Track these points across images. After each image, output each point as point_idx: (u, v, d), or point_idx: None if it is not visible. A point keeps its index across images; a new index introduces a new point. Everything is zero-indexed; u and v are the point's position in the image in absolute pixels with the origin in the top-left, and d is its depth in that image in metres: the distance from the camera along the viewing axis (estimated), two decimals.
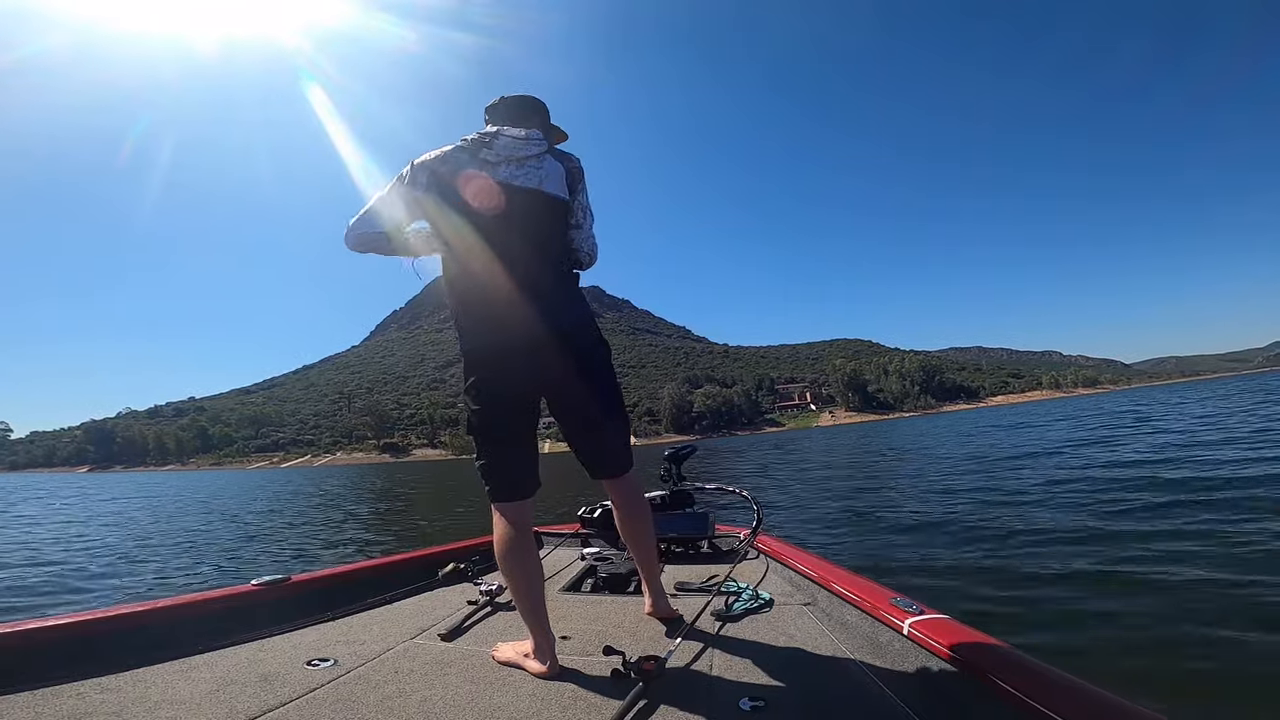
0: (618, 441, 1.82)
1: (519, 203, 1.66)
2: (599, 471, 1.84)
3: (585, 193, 1.83)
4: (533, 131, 1.76)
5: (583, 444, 1.80)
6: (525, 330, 1.58)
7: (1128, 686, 2.46)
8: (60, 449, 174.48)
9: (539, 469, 1.71)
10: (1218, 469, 7.70)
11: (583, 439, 1.79)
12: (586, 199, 1.84)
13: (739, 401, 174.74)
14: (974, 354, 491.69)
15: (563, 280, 1.75)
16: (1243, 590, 3.43)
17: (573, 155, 1.84)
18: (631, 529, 1.90)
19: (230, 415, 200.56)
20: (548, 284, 1.67)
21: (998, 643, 1.29)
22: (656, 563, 1.94)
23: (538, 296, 1.60)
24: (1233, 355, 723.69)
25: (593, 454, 1.81)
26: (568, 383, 1.68)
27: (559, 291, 1.70)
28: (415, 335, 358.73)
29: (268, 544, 8.98)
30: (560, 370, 1.65)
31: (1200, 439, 11.67)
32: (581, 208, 1.81)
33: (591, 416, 1.76)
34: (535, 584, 1.62)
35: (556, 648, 1.60)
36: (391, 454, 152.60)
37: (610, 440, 1.80)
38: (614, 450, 1.81)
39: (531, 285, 1.61)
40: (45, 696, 1.35)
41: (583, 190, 1.82)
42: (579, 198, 1.81)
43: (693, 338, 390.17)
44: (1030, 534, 5.38)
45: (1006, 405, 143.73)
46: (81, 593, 5.85)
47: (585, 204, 1.83)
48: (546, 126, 1.89)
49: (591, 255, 1.82)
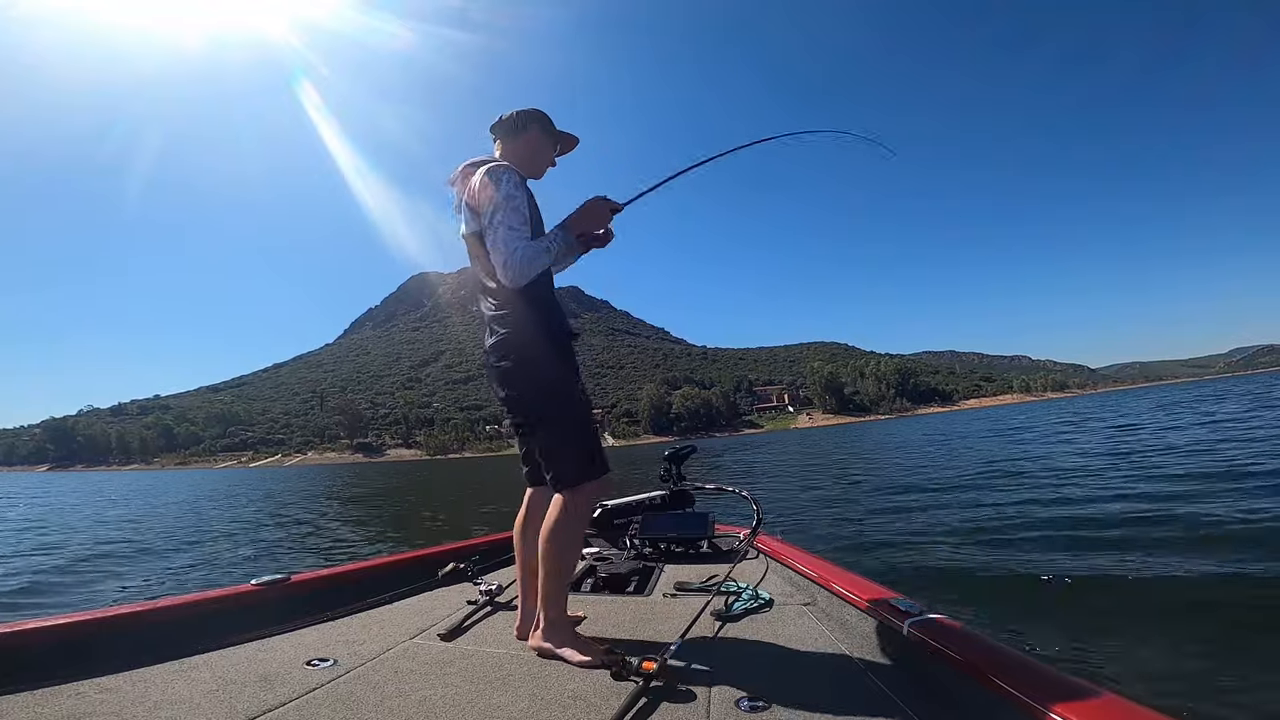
0: (542, 454, 1.80)
1: (468, 250, 1.83)
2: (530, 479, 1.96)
3: (491, 199, 1.67)
4: (463, 167, 1.83)
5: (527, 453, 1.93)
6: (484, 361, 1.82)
7: (1128, 686, 2.47)
8: (19, 447, 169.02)
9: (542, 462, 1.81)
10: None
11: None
12: (491, 208, 1.67)
13: (717, 403, 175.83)
14: (947, 358, 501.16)
15: (493, 310, 1.78)
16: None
17: (471, 164, 1.81)
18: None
19: (197, 414, 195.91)
20: (487, 319, 1.80)
21: (997, 643, 1.29)
22: (547, 587, 1.73)
23: (485, 331, 1.82)
24: (1195, 361, 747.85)
25: (528, 462, 1.93)
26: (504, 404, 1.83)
27: (488, 325, 1.80)
28: (390, 334, 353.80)
29: (255, 546, 8.77)
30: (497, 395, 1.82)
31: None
32: (491, 226, 1.67)
33: (518, 426, 1.89)
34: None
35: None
36: (365, 454, 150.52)
37: (537, 452, 1.83)
38: (538, 463, 1.84)
39: (484, 323, 1.81)
40: (45, 696, 1.35)
41: (489, 200, 1.67)
42: (485, 214, 1.69)
43: (671, 339, 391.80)
44: (1031, 533, 5.49)
45: (979, 408, 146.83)
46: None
47: (491, 218, 1.67)
48: (506, 135, 1.89)
49: (504, 272, 1.66)
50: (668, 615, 2.08)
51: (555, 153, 1.98)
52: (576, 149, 2.05)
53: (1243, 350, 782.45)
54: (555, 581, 1.71)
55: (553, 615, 1.70)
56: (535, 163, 1.91)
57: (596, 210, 1.85)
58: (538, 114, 1.90)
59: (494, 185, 1.67)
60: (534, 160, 1.90)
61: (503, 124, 1.88)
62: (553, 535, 1.71)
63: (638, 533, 3.07)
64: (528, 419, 1.79)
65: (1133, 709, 0.96)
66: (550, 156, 1.96)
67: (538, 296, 1.76)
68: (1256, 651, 2.78)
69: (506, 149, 1.89)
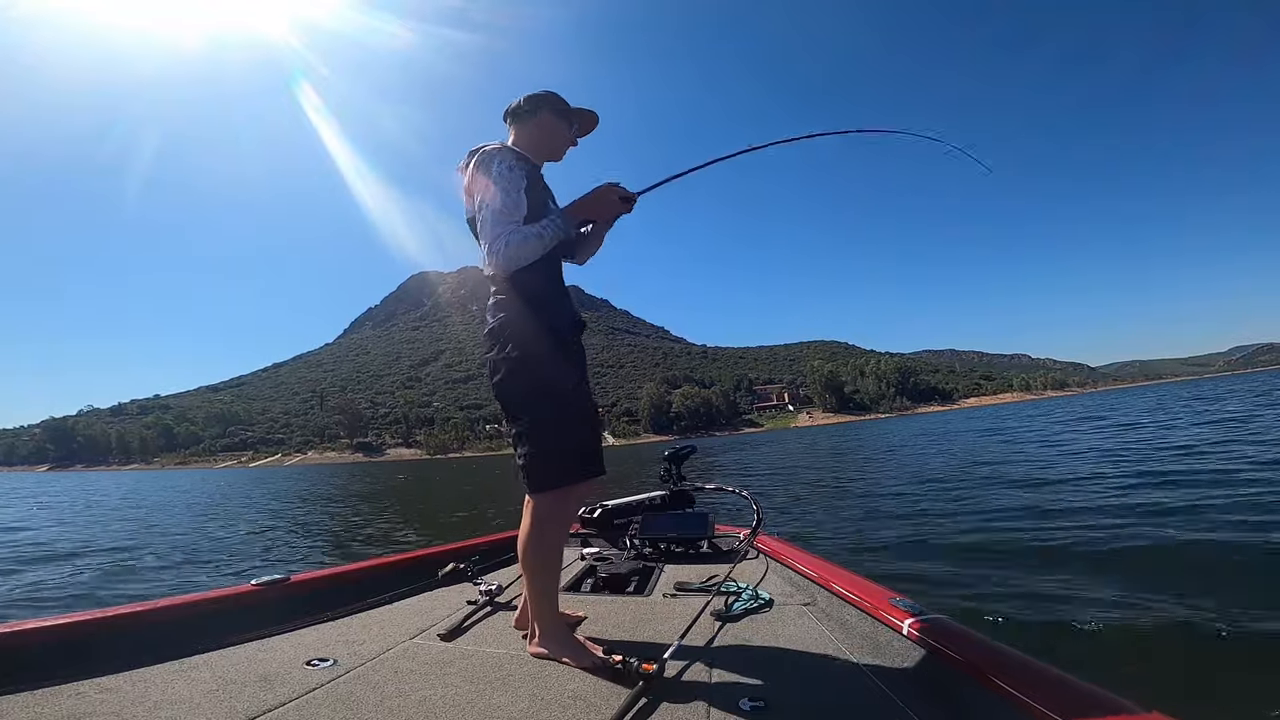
0: (517, 451, 1.69)
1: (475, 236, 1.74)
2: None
3: (482, 185, 1.63)
4: (468, 153, 1.75)
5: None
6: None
7: (1128, 686, 2.45)
8: (19, 447, 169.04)
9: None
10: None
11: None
12: (480, 194, 1.63)
13: (717, 402, 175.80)
14: (946, 356, 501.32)
15: (490, 298, 1.72)
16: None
17: (474, 150, 1.73)
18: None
19: (197, 413, 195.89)
20: (487, 307, 1.73)
21: (997, 643, 1.29)
22: (531, 601, 1.69)
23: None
24: (1195, 360, 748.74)
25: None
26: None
27: (486, 312, 1.73)
28: (390, 333, 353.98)
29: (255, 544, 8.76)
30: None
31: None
32: (480, 212, 1.63)
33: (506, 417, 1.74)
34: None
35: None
36: (365, 453, 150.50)
37: (518, 455, 1.70)
38: (517, 466, 1.71)
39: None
40: (45, 696, 1.35)
41: (481, 186, 1.64)
42: (476, 200, 1.65)
43: (671, 338, 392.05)
44: (1032, 533, 5.47)
45: (980, 407, 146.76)
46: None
47: (480, 203, 1.63)
48: (518, 121, 1.84)
49: (490, 258, 1.61)
50: (668, 615, 2.07)
51: (574, 133, 1.91)
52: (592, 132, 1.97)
53: (1243, 348, 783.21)
54: (537, 595, 1.66)
55: (544, 627, 1.66)
56: (551, 146, 1.86)
57: (604, 198, 1.78)
58: (549, 96, 1.83)
59: (484, 170, 1.63)
60: (549, 143, 1.85)
61: (514, 110, 1.83)
62: (525, 545, 1.66)
63: (638, 533, 3.06)
64: (508, 410, 1.70)
65: (1134, 708, 0.95)
66: (567, 136, 1.89)
67: (533, 284, 1.68)
68: (1257, 651, 2.77)
69: (520, 135, 1.83)
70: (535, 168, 1.77)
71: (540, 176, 1.78)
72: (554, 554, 1.70)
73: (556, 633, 1.65)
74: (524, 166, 1.69)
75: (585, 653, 1.57)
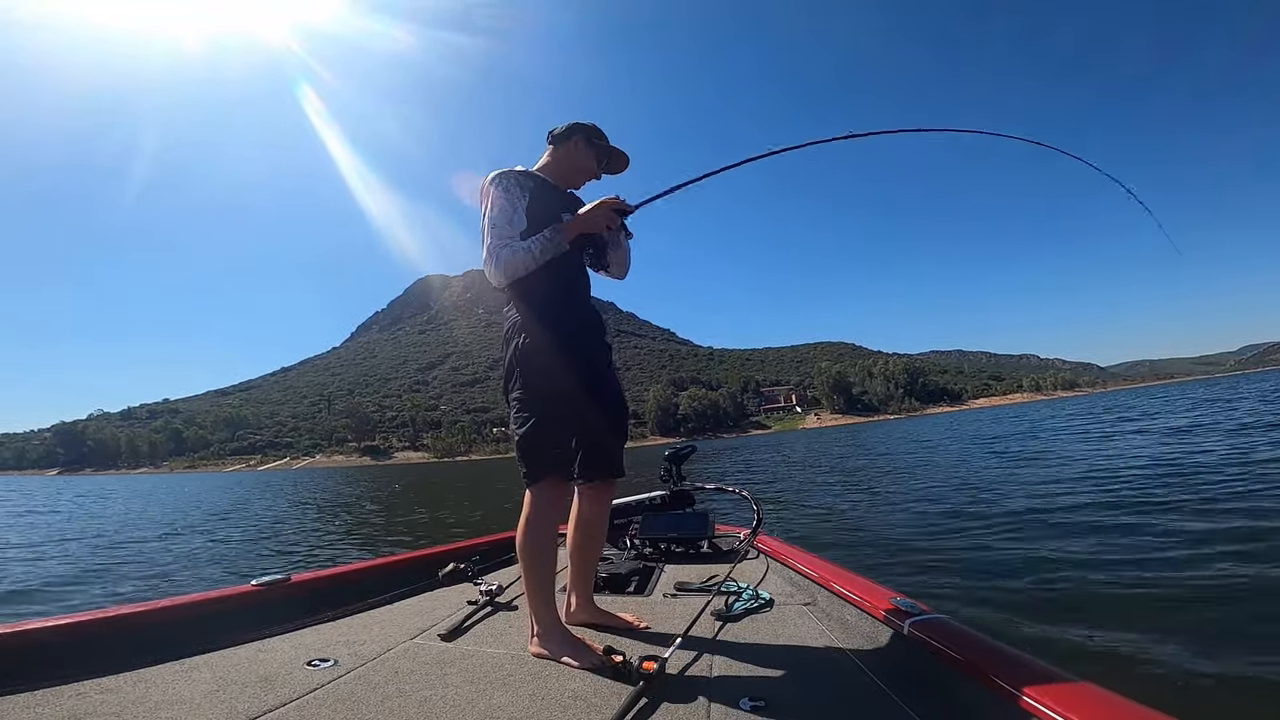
0: (514, 444, 1.82)
1: None
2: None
3: (485, 201, 1.78)
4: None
5: None
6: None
7: (1129, 685, 2.42)
8: (30, 451, 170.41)
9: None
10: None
11: None
12: (482, 213, 1.78)
13: (724, 404, 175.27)
14: (954, 357, 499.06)
15: (505, 304, 1.85)
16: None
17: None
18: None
19: (205, 417, 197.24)
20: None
21: (997, 643, 1.30)
22: (528, 596, 1.75)
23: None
24: (1205, 359, 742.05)
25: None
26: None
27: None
28: (397, 337, 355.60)
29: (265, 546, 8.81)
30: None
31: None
32: (483, 230, 1.78)
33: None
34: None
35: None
36: (372, 456, 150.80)
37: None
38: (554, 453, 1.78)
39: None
40: (45, 696, 1.35)
41: (484, 202, 1.78)
42: (482, 220, 1.80)
43: (678, 340, 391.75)
44: (1033, 533, 5.44)
45: (989, 407, 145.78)
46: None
47: (482, 222, 1.79)
48: (554, 142, 1.97)
49: (487, 272, 1.75)
50: (668, 615, 2.07)
51: (599, 166, 2.01)
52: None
53: (1254, 347, 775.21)
54: (532, 589, 1.71)
55: (542, 625, 1.69)
56: (572, 170, 1.97)
57: (595, 215, 1.82)
58: (586, 125, 1.96)
59: (489, 188, 1.77)
60: (570, 168, 1.97)
61: (551, 133, 1.96)
62: (519, 537, 1.73)
63: (638, 533, 3.07)
64: (509, 404, 1.80)
65: (1134, 709, 0.95)
66: (589, 167, 1.99)
67: (537, 291, 1.77)
68: (1257, 651, 2.73)
69: (551, 156, 1.96)
70: (546, 184, 1.87)
71: (553, 193, 1.89)
72: (542, 549, 1.72)
73: (554, 634, 1.67)
74: (528, 184, 1.79)
75: (586, 652, 1.59)
